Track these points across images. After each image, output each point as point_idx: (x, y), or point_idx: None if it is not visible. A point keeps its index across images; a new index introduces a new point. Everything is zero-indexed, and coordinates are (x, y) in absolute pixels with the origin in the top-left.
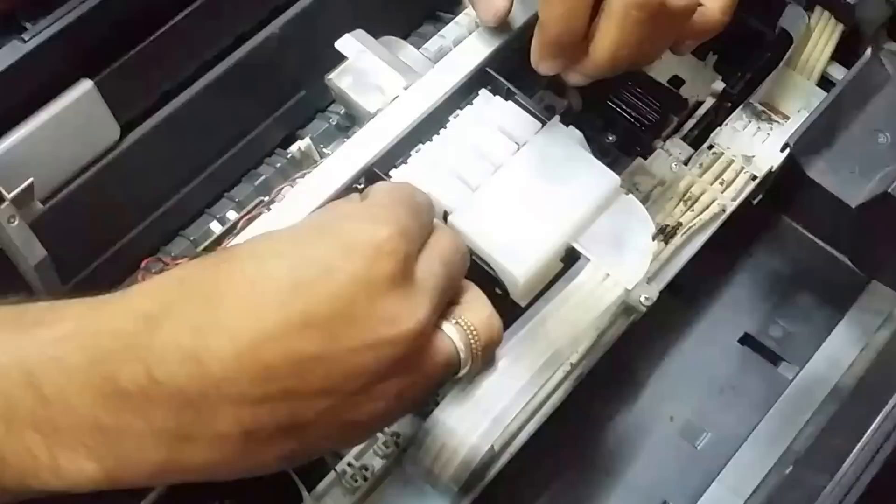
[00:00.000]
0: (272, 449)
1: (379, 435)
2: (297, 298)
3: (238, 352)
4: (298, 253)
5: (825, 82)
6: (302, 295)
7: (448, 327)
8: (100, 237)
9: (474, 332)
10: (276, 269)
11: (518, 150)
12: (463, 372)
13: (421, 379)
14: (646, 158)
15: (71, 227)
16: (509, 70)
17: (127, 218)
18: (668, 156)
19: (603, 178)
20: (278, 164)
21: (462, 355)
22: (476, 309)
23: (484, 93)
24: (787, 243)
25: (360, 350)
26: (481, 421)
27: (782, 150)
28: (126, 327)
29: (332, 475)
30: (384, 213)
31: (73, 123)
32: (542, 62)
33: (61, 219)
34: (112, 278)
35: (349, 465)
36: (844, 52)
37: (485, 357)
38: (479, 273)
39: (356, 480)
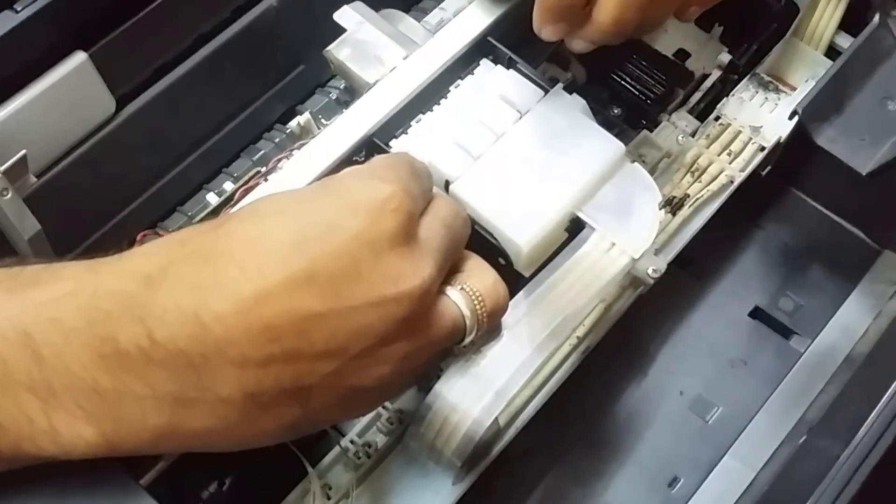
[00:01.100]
0: (275, 415)
1: (382, 411)
2: (300, 256)
3: (239, 311)
4: (301, 211)
5: (833, 52)
6: (305, 252)
7: (453, 292)
8: (95, 212)
9: (479, 298)
10: (278, 226)
11: (520, 118)
12: (468, 339)
13: (426, 343)
14: (651, 131)
15: (66, 201)
16: (511, 39)
17: (123, 193)
18: (675, 128)
19: (607, 146)
20: (277, 139)
21: (468, 321)
22: (480, 276)
23: (485, 62)
24: (797, 215)
25: (364, 309)
26: (484, 394)
27: (791, 117)
28: (125, 288)
29: (335, 451)
30: (387, 172)
31: (66, 96)
32: (544, 27)
33: (56, 193)
34: (108, 254)
35: (352, 441)
36: (852, 21)
37: (490, 324)
38: (482, 243)
39: (359, 457)
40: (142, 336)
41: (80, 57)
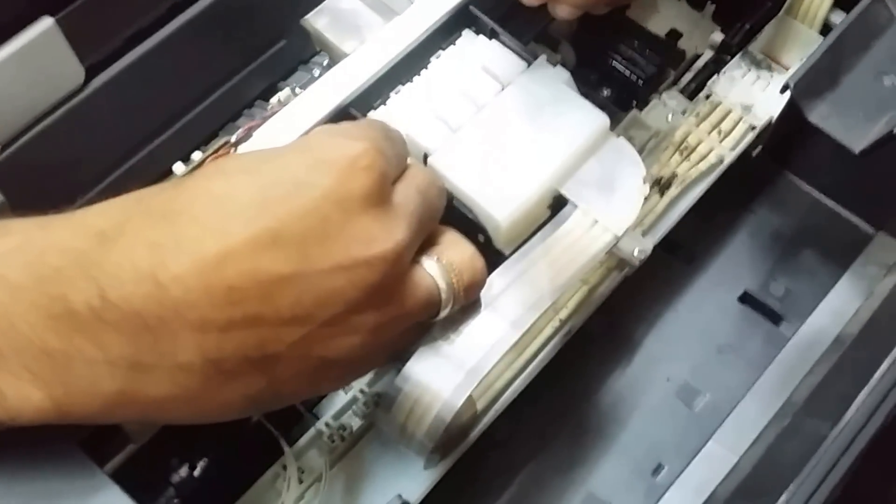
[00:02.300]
0: (238, 385)
1: (359, 395)
2: (265, 214)
3: (199, 271)
4: (268, 169)
5: (827, 30)
6: (271, 211)
7: (428, 263)
8: (63, 188)
9: (456, 271)
10: (243, 184)
11: (502, 90)
12: (444, 313)
13: (398, 314)
14: (641, 111)
15: (31, 176)
16: (497, 14)
17: (93, 169)
18: (664, 107)
19: (592, 118)
20: (258, 116)
21: (443, 294)
22: (458, 248)
23: (468, 33)
24: (789, 199)
25: (333, 272)
26: (455, 373)
27: (782, 91)
28: (77, 244)
29: (309, 434)
30: (359, 131)
31: (31, 65)
32: None
33: (20, 167)
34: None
35: (327, 424)
36: None
37: (468, 298)
38: (460, 219)
39: (333, 440)
40: (94, 295)
41: (46, 22)
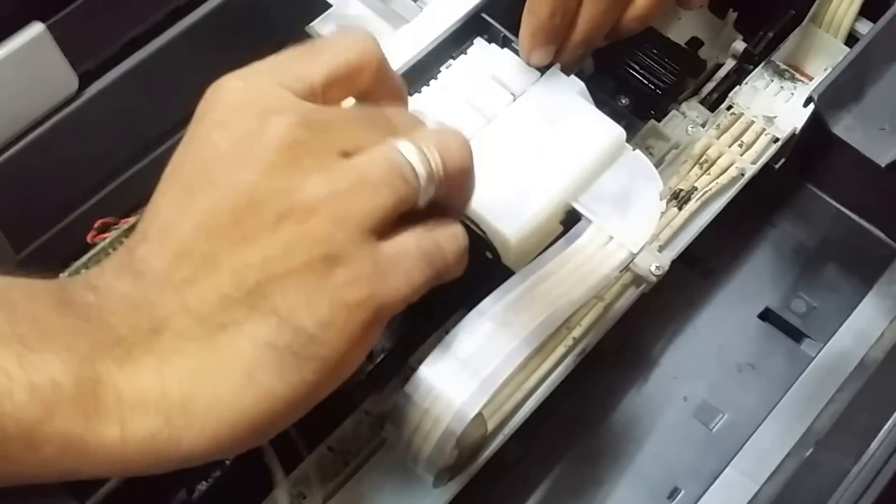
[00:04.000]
0: (244, 333)
1: (364, 416)
2: (177, 179)
3: (155, 246)
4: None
5: (853, 40)
6: (178, 172)
7: (391, 140)
8: (56, 201)
9: (427, 144)
10: (164, 174)
11: (514, 101)
12: (429, 190)
13: (352, 180)
14: (660, 121)
15: (23, 188)
16: (510, 20)
17: (87, 181)
18: (684, 118)
19: (607, 131)
20: None
21: (414, 161)
22: (434, 131)
23: (480, 41)
24: (812, 213)
25: (234, 174)
26: (468, 383)
27: (806, 104)
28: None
29: (311, 459)
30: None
31: (21, 72)
32: (534, 51)
33: (11, 179)
34: (72, 248)
35: (330, 448)
36: (873, 8)
37: (452, 177)
38: (468, 234)
39: (337, 465)
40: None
41: (36, 28)
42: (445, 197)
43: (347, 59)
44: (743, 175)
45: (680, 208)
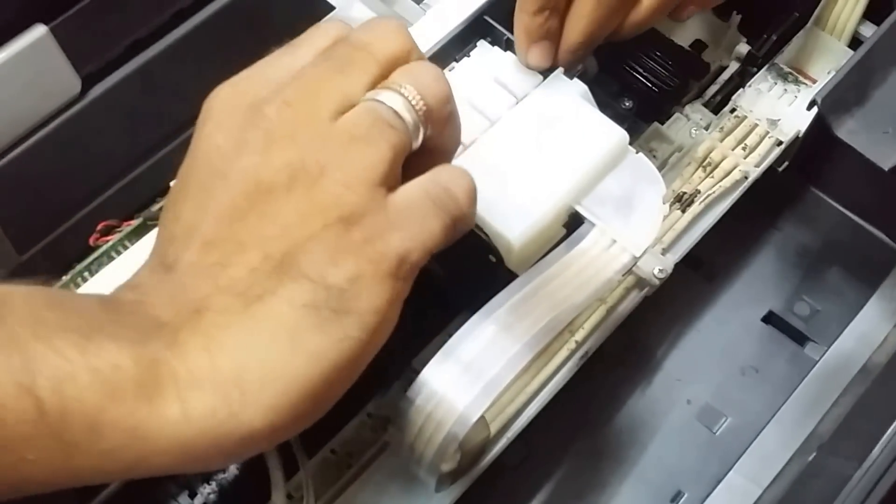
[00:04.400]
0: (284, 301)
1: (366, 419)
2: (189, 183)
3: (182, 244)
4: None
5: (856, 43)
6: (189, 176)
7: (370, 92)
8: (60, 204)
9: (402, 85)
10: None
11: (517, 104)
12: (418, 129)
13: (342, 141)
14: (663, 124)
15: (26, 190)
16: (511, 20)
17: (90, 183)
18: (688, 121)
19: (609, 134)
20: None
21: (396, 106)
22: (405, 72)
23: (483, 43)
24: (815, 216)
25: (236, 161)
26: (470, 387)
27: (809, 107)
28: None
29: (316, 461)
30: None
31: (24, 74)
32: (531, 50)
33: (14, 181)
34: (75, 250)
35: (333, 451)
36: (877, 10)
37: (436, 110)
38: (469, 238)
39: (340, 468)
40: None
41: (39, 30)
42: (438, 136)
43: (324, 45)
44: (746, 178)
45: (683, 211)
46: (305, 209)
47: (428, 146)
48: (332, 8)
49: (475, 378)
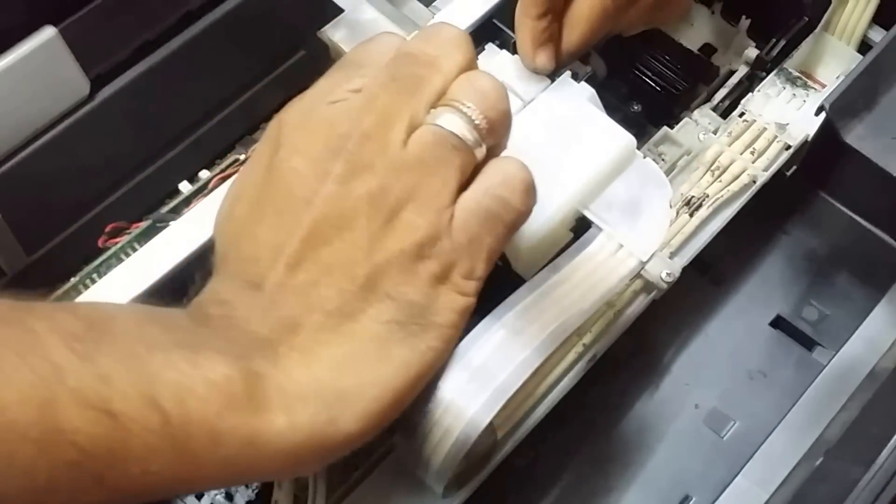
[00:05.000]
0: (372, 319)
1: None
2: (267, 205)
3: (267, 266)
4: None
5: (865, 47)
6: (266, 199)
7: (431, 113)
8: (67, 205)
9: (464, 103)
10: (238, 205)
11: (524, 107)
12: (481, 147)
13: (412, 170)
14: (672, 128)
15: (34, 192)
16: None
17: (99, 185)
18: (696, 125)
19: (617, 138)
20: None
21: (459, 129)
22: (465, 86)
23: (490, 47)
24: (824, 220)
25: (317, 189)
26: (478, 394)
27: (817, 113)
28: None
29: None
30: None
31: (33, 76)
32: (537, 54)
33: (22, 182)
34: (83, 251)
35: None
36: (886, 15)
37: (496, 124)
38: None
39: (348, 470)
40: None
41: (48, 32)
42: (494, 140)
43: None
44: (755, 182)
45: (691, 215)
46: (382, 235)
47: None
48: (340, 10)
49: (484, 384)
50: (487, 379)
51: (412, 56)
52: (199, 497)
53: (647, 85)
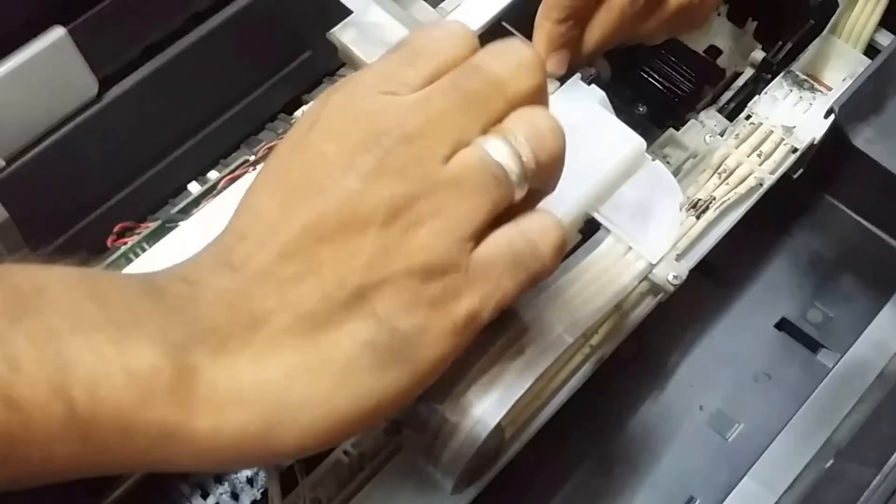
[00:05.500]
0: (346, 333)
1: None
2: (282, 182)
3: (256, 246)
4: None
5: (872, 51)
6: (285, 176)
7: (481, 140)
8: (74, 204)
9: (518, 140)
10: (262, 175)
11: None
12: (523, 186)
13: (451, 192)
14: (678, 130)
15: (40, 190)
16: (528, 26)
17: (105, 184)
18: (702, 127)
19: (627, 141)
20: (281, 130)
21: (506, 161)
22: (523, 120)
23: None
24: (829, 223)
25: (341, 181)
26: (488, 394)
27: (826, 115)
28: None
29: (329, 462)
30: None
31: (42, 76)
32: (550, 59)
33: (28, 181)
34: (90, 250)
35: (345, 452)
36: (893, 19)
37: (545, 167)
38: None
39: (353, 469)
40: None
41: (58, 32)
42: (541, 185)
43: (445, 58)
44: (761, 185)
45: (698, 218)
46: (393, 248)
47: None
48: (349, 12)
49: (492, 384)
50: (496, 380)
51: (480, 71)
52: (205, 497)
53: (652, 87)
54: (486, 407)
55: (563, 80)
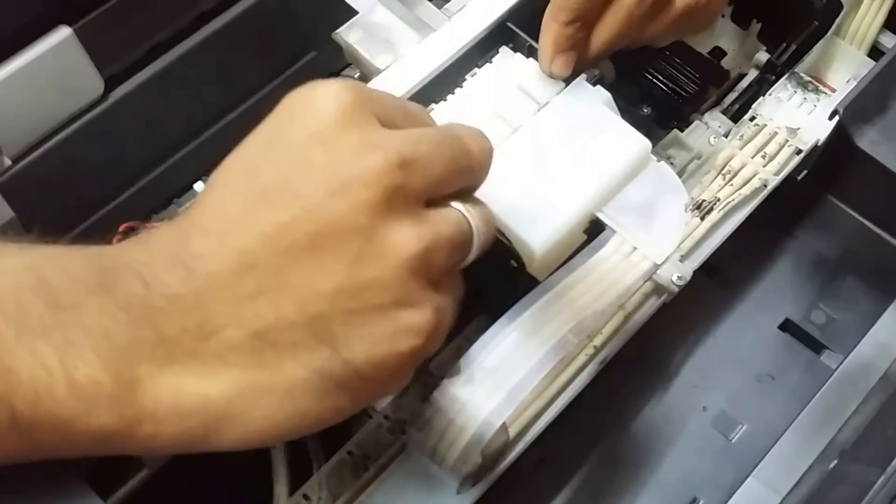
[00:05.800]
0: (298, 360)
1: (384, 421)
2: (252, 178)
3: (214, 245)
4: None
5: (876, 52)
6: (256, 171)
7: (455, 203)
8: (79, 203)
9: (476, 216)
10: (232, 160)
11: (539, 110)
12: (471, 256)
13: (429, 236)
14: (682, 131)
15: (46, 189)
16: (533, 27)
17: (110, 183)
18: (707, 128)
19: (632, 142)
20: None
21: (474, 229)
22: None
23: (505, 50)
24: (833, 224)
25: (328, 198)
26: (493, 394)
27: (831, 117)
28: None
29: (333, 462)
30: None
31: (48, 75)
32: (556, 59)
33: (34, 180)
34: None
35: (350, 452)
36: None
37: (485, 245)
38: (493, 243)
39: (358, 469)
40: (138, 286)
41: (64, 32)
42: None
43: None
44: (766, 186)
45: (702, 219)
46: (366, 282)
47: None
48: (354, 12)
49: (498, 384)
50: (502, 380)
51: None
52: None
53: (656, 88)
54: (492, 407)
55: (568, 81)
